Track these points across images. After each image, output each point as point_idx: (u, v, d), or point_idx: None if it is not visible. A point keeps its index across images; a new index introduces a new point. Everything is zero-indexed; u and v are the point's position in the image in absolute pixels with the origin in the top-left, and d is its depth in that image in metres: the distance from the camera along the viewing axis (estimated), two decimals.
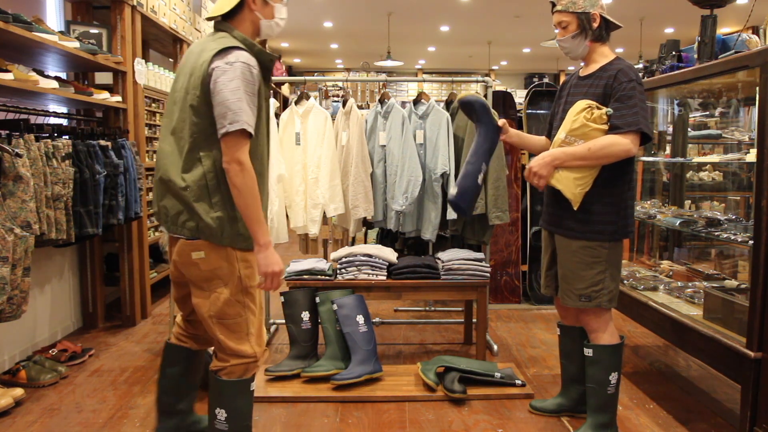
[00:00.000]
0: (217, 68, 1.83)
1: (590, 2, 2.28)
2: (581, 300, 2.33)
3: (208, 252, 1.91)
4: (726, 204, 3.59)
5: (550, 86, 4.79)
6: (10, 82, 2.75)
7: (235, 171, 1.83)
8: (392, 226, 3.43)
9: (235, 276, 1.94)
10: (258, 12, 1.97)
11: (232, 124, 1.80)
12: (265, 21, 2.00)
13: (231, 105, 1.80)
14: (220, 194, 1.89)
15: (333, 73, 13.50)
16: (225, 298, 1.94)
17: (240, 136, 1.82)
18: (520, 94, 9.46)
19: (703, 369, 3.23)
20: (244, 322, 1.98)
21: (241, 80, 1.81)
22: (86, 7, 4.03)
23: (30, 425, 2.57)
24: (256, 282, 2.00)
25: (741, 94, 3.10)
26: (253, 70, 1.86)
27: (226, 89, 1.81)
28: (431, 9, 7.92)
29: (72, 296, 3.86)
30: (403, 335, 3.85)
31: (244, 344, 1.99)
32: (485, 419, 2.65)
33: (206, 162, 1.88)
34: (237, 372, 2.01)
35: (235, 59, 1.83)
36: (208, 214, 1.88)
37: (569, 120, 2.24)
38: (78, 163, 3.26)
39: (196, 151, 1.88)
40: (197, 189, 1.88)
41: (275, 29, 2.05)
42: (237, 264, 1.94)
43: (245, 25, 1.98)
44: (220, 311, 1.95)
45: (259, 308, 2.05)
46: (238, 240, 1.93)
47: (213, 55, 1.85)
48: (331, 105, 7.41)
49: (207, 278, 1.95)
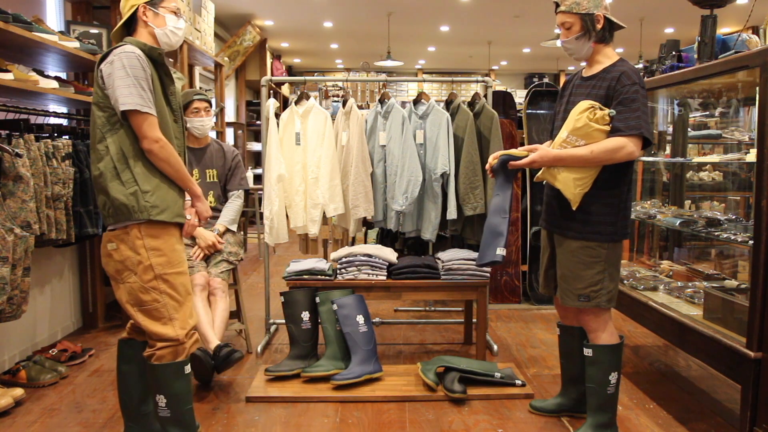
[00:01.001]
0: (106, 64, 2.05)
1: (594, 3, 2.27)
2: (580, 300, 2.33)
3: (119, 243, 2.08)
4: (726, 204, 3.58)
5: (550, 86, 4.79)
6: (10, 82, 2.75)
7: (158, 149, 2.06)
8: (392, 226, 3.43)
9: (144, 265, 2.07)
10: (150, 22, 2.17)
11: (124, 105, 2.00)
12: (158, 30, 2.18)
13: (122, 89, 2.00)
14: (130, 172, 2.07)
15: (333, 73, 13.49)
16: (138, 286, 2.08)
17: (139, 116, 2.02)
18: (520, 94, 9.47)
19: (703, 369, 3.23)
20: (163, 307, 2.10)
21: (128, 67, 2.01)
22: (86, 7, 4.03)
23: (30, 425, 2.57)
24: (173, 269, 2.11)
25: (741, 94, 3.10)
26: (137, 57, 2.03)
27: (116, 77, 2.01)
28: (431, 9, 7.91)
29: (72, 296, 3.86)
30: (403, 335, 3.85)
31: (167, 328, 2.11)
32: (485, 419, 2.65)
33: (112, 148, 2.06)
34: (166, 356, 2.11)
35: (120, 51, 2.04)
36: (122, 192, 2.05)
37: (572, 119, 2.24)
38: (78, 163, 3.26)
39: (103, 141, 2.08)
40: (108, 173, 2.06)
41: (172, 37, 2.22)
42: (146, 253, 2.07)
43: (144, 37, 2.17)
44: (135, 298, 2.10)
45: (183, 293, 2.15)
46: (153, 211, 2.07)
47: (99, 61, 2.10)
48: (331, 105, 7.42)
49: (118, 269, 2.10)
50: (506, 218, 2.40)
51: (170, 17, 2.19)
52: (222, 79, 6.26)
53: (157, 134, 2.06)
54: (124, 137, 2.06)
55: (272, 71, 10.16)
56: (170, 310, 2.11)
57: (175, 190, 2.16)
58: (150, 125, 2.04)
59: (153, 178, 2.09)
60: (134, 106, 2.00)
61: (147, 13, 2.15)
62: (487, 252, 2.41)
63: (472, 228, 3.40)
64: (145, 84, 2.04)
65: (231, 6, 7.52)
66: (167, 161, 2.10)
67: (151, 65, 2.10)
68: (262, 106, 3.63)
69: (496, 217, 2.41)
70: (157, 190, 2.09)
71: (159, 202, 2.08)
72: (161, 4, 2.17)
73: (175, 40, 2.23)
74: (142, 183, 2.07)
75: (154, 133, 2.05)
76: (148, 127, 2.04)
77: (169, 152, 2.09)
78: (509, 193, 2.42)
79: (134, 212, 2.04)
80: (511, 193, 2.44)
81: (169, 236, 2.13)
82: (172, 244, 2.14)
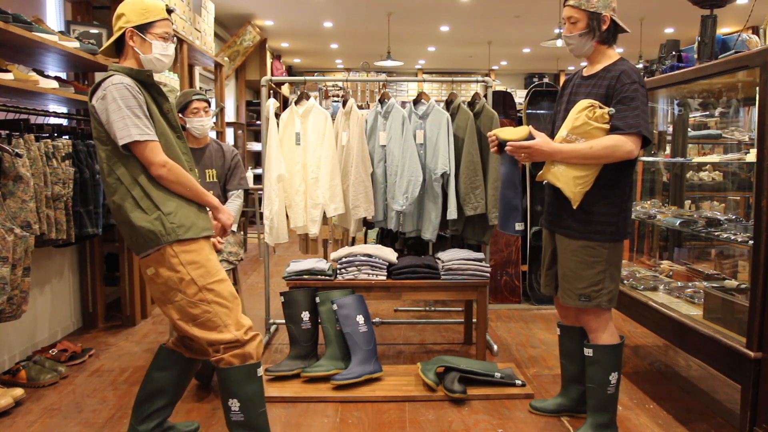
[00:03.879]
0: (98, 99, 2.04)
1: (604, 3, 2.27)
2: (581, 300, 2.33)
3: (156, 267, 2.08)
4: (726, 204, 3.58)
5: (550, 86, 4.79)
6: (10, 82, 2.75)
7: (166, 172, 2.06)
8: (392, 226, 3.43)
9: (186, 281, 2.06)
10: (137, 48, 2.14)
11: (122, 138, 1.99)
12: (144, 56, 2.15)
13: (117, 123, 2.00)
14: (148, 199, 2.06)
15: (333, 73, 13.49)
16: (186, 302, 2.07)
17: (140, 145, 2.01)
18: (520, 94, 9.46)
19: (703, 369, 3.23)
20: (215, 316, 2.09)
21: (119, 99, 2.00)
22: (86, 7, 4.03)
23: (30, 425, 2.57)
24: (214, 278, 2.11)
25: (741, 94, 3.10)
26: (126, 86, 2.03)
27: (110, 111, 2.01)
28: (431, 9, 7.91)
29: (72, 296, 3.86)
30: (403, 335, 3.85)
31: (224, 335, 2.09)
32: (485, 419, 2.65)
33: (125, 179, 2.06)
34: (234, 359, 2.10)
35: (108, 84, 2.03)
36: (146, 219, 2.05)
37: (571, 117, 2.24)
38: (78, 163, 3.26)
39: (113, 174, 2.07)
40: (128, 204, 2.06)
41: (157, 64, 2.20)
42: (184, 269, 2.06)
43: (130, 60, 2.16)
44: (186, 314, 2.09)
45: (230, 298, 2.14)
46: (180, 231, 2.07)
47: (90, 93, 2.10)
48: (331, 105, 7.41)
49: (163, 291, 2.10)
50: (518, 191, 2.44)
51: (157, 44, 2.15)
52: (222, 79, 6.26)
53: (162, 158, 2.05)
54: (134, 166, 2.05)
55: (272, 71, 10.16)
56: (223, 318, 2.09)
57: (195, 206, 2.16)
58: (152, 151, 2.03)
59: (171, 199, 2.09)
60: (133, 138, 1.99)
61: (134, 38, 2.12)
62: (507, 223, 2.48)
63: (473, 228, 3.40)
64: (139, 111, 2.02)
65: (231, 6, 7.52)
66: (179, 182, 2.09)
67: (142, 88, 2.09)
68: (262, 106, 3.62)
69: (508, 191, 2.44)
70: (178, 210, 2.09)
71: (184, 221, 2.08)
72: (150, 30, 2.13)
73: (161, 66, 2.21)
74: (162, 206, 2.06)
75: (159, 158, 2.04)
76: (152, 154, 2.03)
77: (178, 173, 2.08)
78: (515, 165, 2.43)
79: (162, 236, 2.04)
80: (517, 165, 2.44)
81: (201, 248, 2.12)
82: (206, 254, 2.13)
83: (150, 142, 2.02)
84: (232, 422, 2.14)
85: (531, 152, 2.28)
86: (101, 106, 2.02)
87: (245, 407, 2.11)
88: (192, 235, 2.08)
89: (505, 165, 2.45)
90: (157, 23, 2.15)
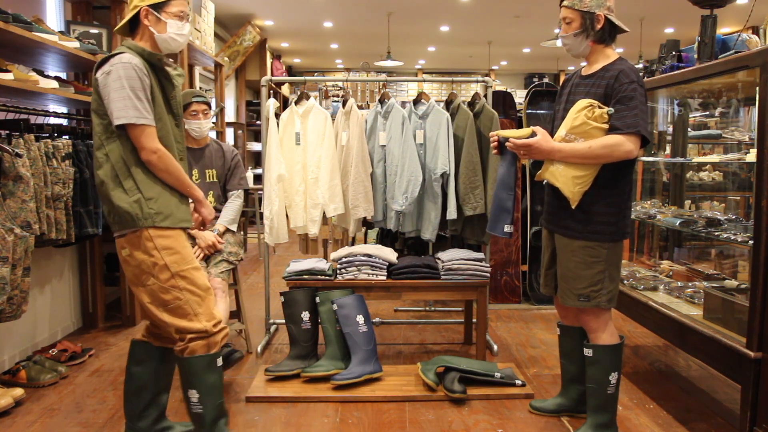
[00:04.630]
0: (102, 74, 2.03)
1: (597, 3, 2.27)
2: (580, 300, 2.33)
3: (131, 249, 2.08)
4: (726, 204, 3.58)
5: (550, 86, 4.79)
6: (10, 82, 2.75)
7: (156, 159, 2.05)
8: (392, 226, 3.43)
9: (159, 265, 2.07)
10: (152, 27, 2.12)
11: (118, 119, 1.99)
12: (159, 35, 2.13)
13: (117, 102, 1.99)
14: (132, 180, 2.06)
15: (333, 73, 13.49)
16: (158, 287, 2.08)
17: (136, 128, 2.01)
18: (520, 94, 9.46)
19: (703, 369, 3.23)
20: (186, 303, 2.10)
21: (124, 79, 1.99)
22: (86, 7, 4.03)
23: (30, 425, 2.57)
24: (188, 265, 2.11)
25: (741, 94, 3.10)
26: (134, 67, 2.01)
27: (112, 90, 2.00)
28: (431, 9, 7.91)
29: (72, 296, 3.86)
30: (403, 335, 3.85)
31: (193, 323, 2.11)
32: (485, 419, 2.65)
33: (112, 155, 2.05)
34: (198, 349, 2.11)
35: (117, 61, 2.01)
36: (125, 200, 2.05)
37: (570, 117, 2.24)
38: (78, 163, 3.26)
39: (102, 148, 2.07)
40: (110, 181, 2.06)
41: (172, 43, 2.18)
42: (159, 253, 2.07)
43: (145, 40, 2.14)
44: (157, 299, 2.10)
45: (203, 287, 2.15)
46: (157, 218, 2.07)
47: (96, 65, 2.07)
48: (331, 105, 7.41)
49: (135, 274, 2.10)
50: (512, 195, 2.43)
51: (173, 22, 2.13)
52: (222, 79, 6.26)
53: (155, 145, 2.04)
54: (123, 145, 2.05)
55: (272, 71, 10.16)
56: (194, 306, 2.11)
57: (177, 196, 2.16)
58: (147, 136, 2.02)
59: (155, 185, 2.09)
60: (129, 120, 1.98)
61: (149, 16, 2.10)
62: (495, 225, 2.48)
63: (473, 228, 3.40)
64: (141, 94, 2.01)
65: (231, 6, 7.52)
66: (166, 170, 2.09)
67: (150, 71, 2.07)
68: (262, 106, 3.62)
69: (502, 192, 2.45)
70: (160, 197, 2.09)
71: (163, 209, 2.08)
72: (165, 9, 2.11)
73: (176, 45, 2.19)
74: (144, 190, 2.06)
75: (152, 144, 2.04)
76: (146, 139, 2.02)
77: (168, 162, 2.08)
78: (513, 168, 2.43)
79: (138, 220, 2.04)
80: (515, 168, 2.45)
81: (178, 235, 2.14)
82: (182, 242, 2.15)
83: (146, 126, 2.02)
84: (193, 414, 2.16)
85: (531, 150, 2.28)
86: (104, 80, 2.01)
87: (204, 398, 2.13)
88: (169, 224, 2.09)
89: (504, 166, 2.45)
90: (173, 2, 2.12)
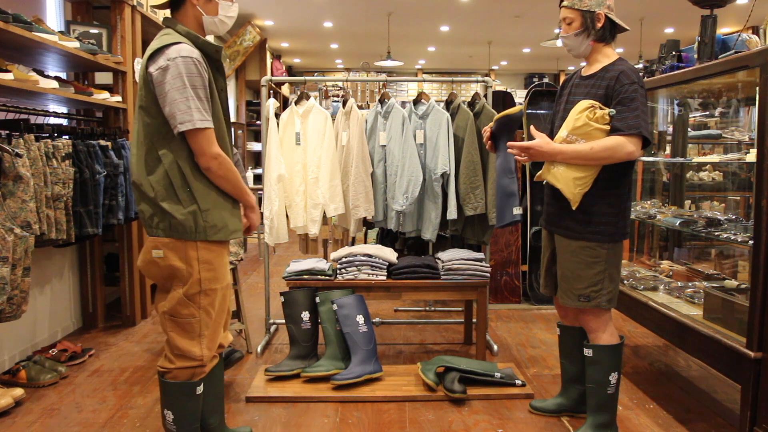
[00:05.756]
0: (158, 69, 1.83)
1: (597, 2, 2.27)
2: (580, 300, 2.33)
3: (167, 252, 1.93)
4: (726, 204, 3.58)
5: (550, 86, 4.79)
6: (10, 82, 2.75)
7: (216, 166, 1.90)
8: (392, 226, 3.43)
9: (194, 278, 1.95)
10: (200, 7, 1.94)
11: (182, 124, 1.82)
12: (207, 17, 1.97)
13: (179, 105, 1.81)
14: (187, 190, 1.91)
15: (333, 73, 13.48)
16: (179, 296, 1.96)
17: (198, 133, 1.84)
18: (520, 94, 9.46)
19: (703, 369, 3.23)
20: (197, 323, 1.99)
21: (185, 76, 1.81)
22: (86, 7, 4.03)
23: (30, 425, 2.57)
24: (218, 284, 2.01)
25: (741, 94, 3.10)
26: (195, 61, 1.84)
27: (172, 89, 1.81)
28: (431, 9, 7.91)
29: (72, 296, 3.86)
30: (403, 335, 3.85)
31: (194, 345, 2.00)
32: (485, 419, 2.65)
33: (166, 161, 1.89)
34: (182, 376, 2.02)
35: (176, 54, 1.82)
36: (179, 211, 1.90)
37: (572, 118, 2.24)
38: (78, 163, 3.26)
39: (154, 151, 1.89)
40: (162, 189, 1.90)
41: (220, 26, 2.02)
42: (197, 266, 1.95)
43: (189, 20, 1.96)
44: (173, 309, 1.97)
45: (218, 312, 2.05)
46: (211, 231, 1.95)
47: (149, 56, 1.86)
48: (331, 105, 7.42)
49: (165, 276, 1.97)
50: (514, 177, 2.45)
51: (224, 4, 1.98)
52: None
53: (216, 150, 1.89)
54: (179, 149, 1.88)
55: (272, 71, 10.16)
56: (202, 327, 2.00)
57: (230, 204, 2.03)
58: (208, 140, 1.87)
59: (210, 193, 1.95)
60: (194, 125, 1.82)
61: None
62: (504, 214, 2.48)
63: (473, 228, 3.40)
64: (202, 92, 1.85)
65: None
66: (225, 177, 1.94)
67: (207, 64, 1.91)
68: (262, 106, 3.63)
69: (504, 178, 2.46)
70: (214, 208, 1.95)
71: (217, 221, 1.96)
72: None
73: (223, 28, 2.03)
74: (201, 201, 1.92)
75: (213, 149, 1.88)
76: (207, 143, 1.86)
77: (227, 168, 1.93)
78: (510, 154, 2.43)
79: (191, 233, 1.91)
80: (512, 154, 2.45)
81: (222, 249, 2.03)
82: (223, 256, 2.04)
83: (207, 129, 1.85)
84: (167, 429, 2.08)
85: (531, 152, 2.28)
86: (161, 77, 1.81)
87: (179, 421, 2.04)
88: (221, 237, 1.98)
89: (500, 156, 2.49)
90: None
